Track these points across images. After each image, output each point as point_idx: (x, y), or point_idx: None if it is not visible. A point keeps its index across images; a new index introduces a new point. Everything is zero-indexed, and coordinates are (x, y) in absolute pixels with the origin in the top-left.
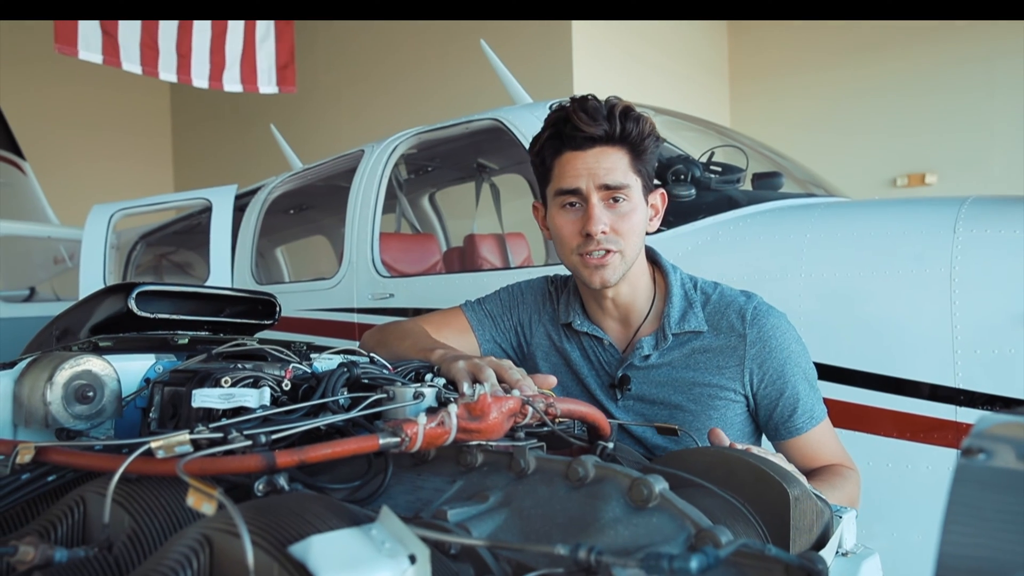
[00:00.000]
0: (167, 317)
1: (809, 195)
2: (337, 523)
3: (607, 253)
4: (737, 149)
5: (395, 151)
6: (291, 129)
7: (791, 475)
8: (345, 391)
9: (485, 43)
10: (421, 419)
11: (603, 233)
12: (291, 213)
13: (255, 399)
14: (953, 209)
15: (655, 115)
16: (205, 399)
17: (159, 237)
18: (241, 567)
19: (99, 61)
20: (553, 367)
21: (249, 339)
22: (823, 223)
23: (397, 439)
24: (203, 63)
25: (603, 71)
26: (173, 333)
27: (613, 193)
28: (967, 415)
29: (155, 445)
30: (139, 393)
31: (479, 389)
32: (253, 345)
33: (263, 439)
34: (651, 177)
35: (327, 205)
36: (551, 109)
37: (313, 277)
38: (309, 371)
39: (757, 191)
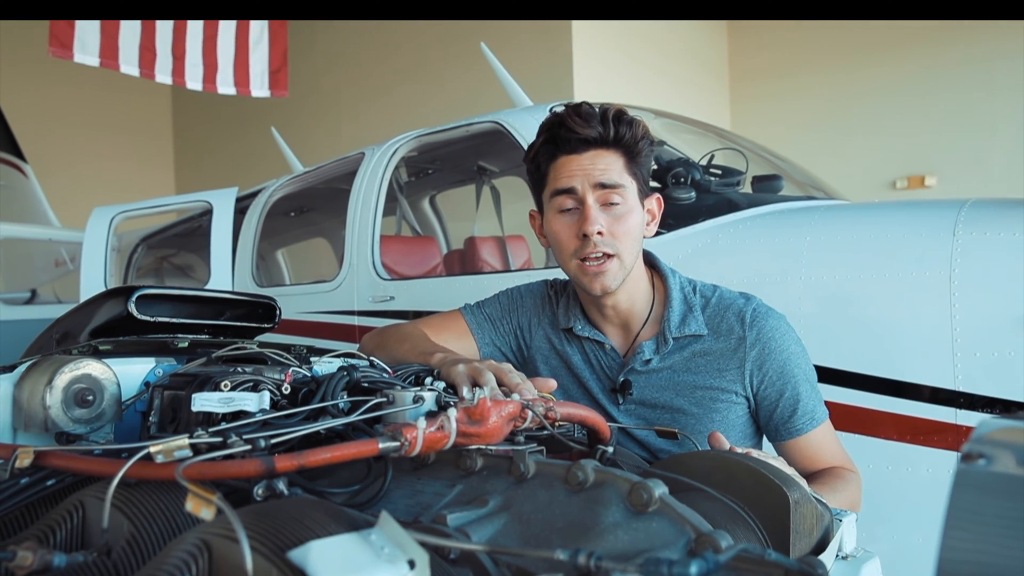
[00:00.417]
0: (167, 321)
1: (809, 198)
2: (336, 528)
3: (605, 258)
4: (737, 152)
5: (395, 154)
6: (292, 131)
7: (791, 479)
8: (345, 395)
9: (485, 46)
10: (421, 423)
11: (599, 234)
12: (292, 216)
13: (255, 403)
14: (953, 212)
15: (655, 118)
16: (204, 403)
17: (160, 239)
18: (240, 572)
19: (95, 64)
20: (553, 371)
21: (249, 343)
22: (823, 226)
23: (397, 443)
24: (196, 65)
25: (603, 73)
26: (173, 337)
27: (609, 193)
28: (967, 418)
29: (154, 449)
30: (139, 397)
31: (479, 393)
32: (253, 349)
33: (262, 443)
34: (647, 181)
35: (328, 207)
36: (551, 111)
37: (314, 280)
38: (309, 375)
39: (757, 194)
